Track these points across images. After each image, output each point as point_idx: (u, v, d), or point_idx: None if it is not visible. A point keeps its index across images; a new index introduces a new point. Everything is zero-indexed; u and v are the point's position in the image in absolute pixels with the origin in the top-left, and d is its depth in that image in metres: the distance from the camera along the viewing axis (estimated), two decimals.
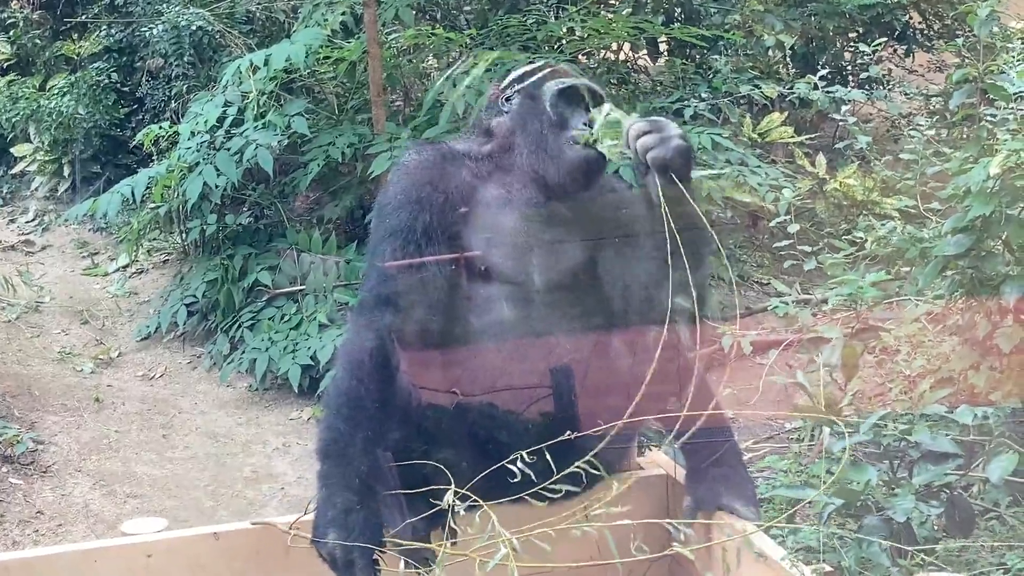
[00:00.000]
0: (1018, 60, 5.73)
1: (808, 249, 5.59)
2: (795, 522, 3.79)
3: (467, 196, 2.63)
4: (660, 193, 2.36)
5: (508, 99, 2.72)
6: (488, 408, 2.54)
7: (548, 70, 2.73)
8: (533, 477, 2.26)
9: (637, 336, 2.55)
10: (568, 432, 2.41)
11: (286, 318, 6.88)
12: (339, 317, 6.61)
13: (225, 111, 7.09)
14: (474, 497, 2.32)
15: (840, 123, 7.19)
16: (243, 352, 6.79)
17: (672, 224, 2.35)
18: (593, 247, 2.65)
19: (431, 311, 2.54)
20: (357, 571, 2.30)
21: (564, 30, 7.79)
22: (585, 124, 2.59)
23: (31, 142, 9.48)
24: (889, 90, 9.02)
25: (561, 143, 2.59)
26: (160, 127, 7.51)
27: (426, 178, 2.62)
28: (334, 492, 2.39)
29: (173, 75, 8.33)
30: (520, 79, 2.74)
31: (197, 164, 6.97)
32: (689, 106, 7.23)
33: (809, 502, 3.09)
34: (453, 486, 2.30)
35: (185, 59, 8.11)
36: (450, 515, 2.34)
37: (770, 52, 8.76)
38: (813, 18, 9.16)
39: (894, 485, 3.12)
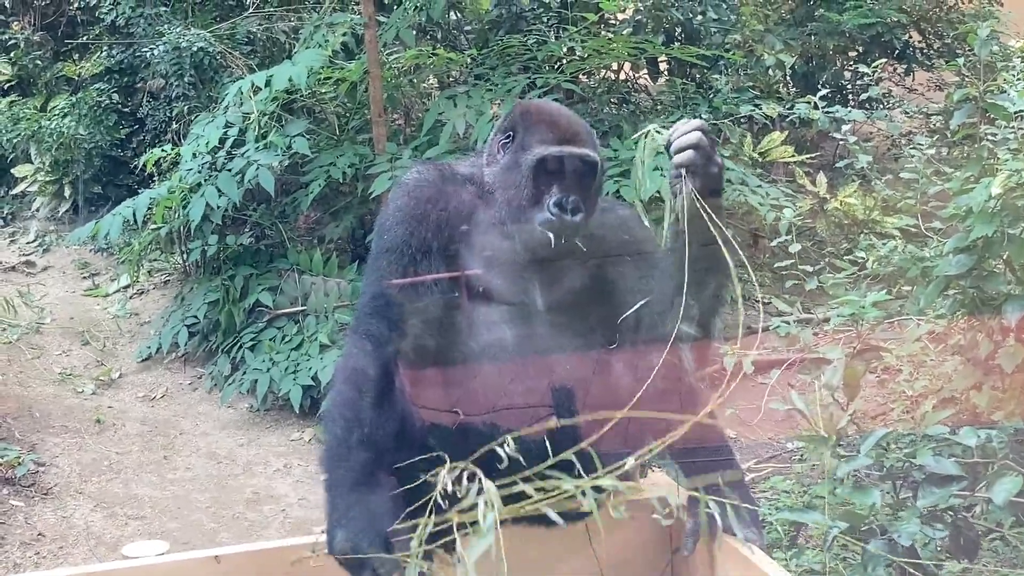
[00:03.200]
0: (1018, 79, 5.74)
1: (809, 269, 5.58)
2: (798, 545, 3.78)
3: (467, 216, 2.63)
4: (686, 200, 2.35)
5: (505, 145, 2.69)
6: (489, 428, 2.53)
7: (543, 123, 2.68)
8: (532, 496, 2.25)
9: (640, 357, 2.54)
10: (569, 452, 2.41)
11: (287, 339, 6.87)
12: (340, 338, 6.60)
13: (226, 132, 7.10)
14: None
15: (840, 142, 7.19)
16: (244, 373, 6.79)
17: (691, 241, 2.35)
18: (596, 268, 2.65)
19: (427, 329, 2.54)
20: (369, 570, 2.28)
21: (564, 50, 7.80)
22: (557, 205, 2.54)
23: (32, 163, 9.48)
24: (889, 109, 9.03)
25: (530, 218, 2.56)
26: (161, 149, 7.53)
27: (425, 196, 2.62)
28: (338, 496, 2.38)
29: (174, 96, 8.35)
30: (517, 122, 2.70)
31: (199, 185, 6.97)
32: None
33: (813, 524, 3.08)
34: (455, 510, 2.29)
35: (186, 80, 8.12)
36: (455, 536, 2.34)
37: (770, 72, 8.78)
38: (813, 37, 9.19)
39: (898, 508, 3.10)
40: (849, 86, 9.64)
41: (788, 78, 9.21)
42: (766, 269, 7.55)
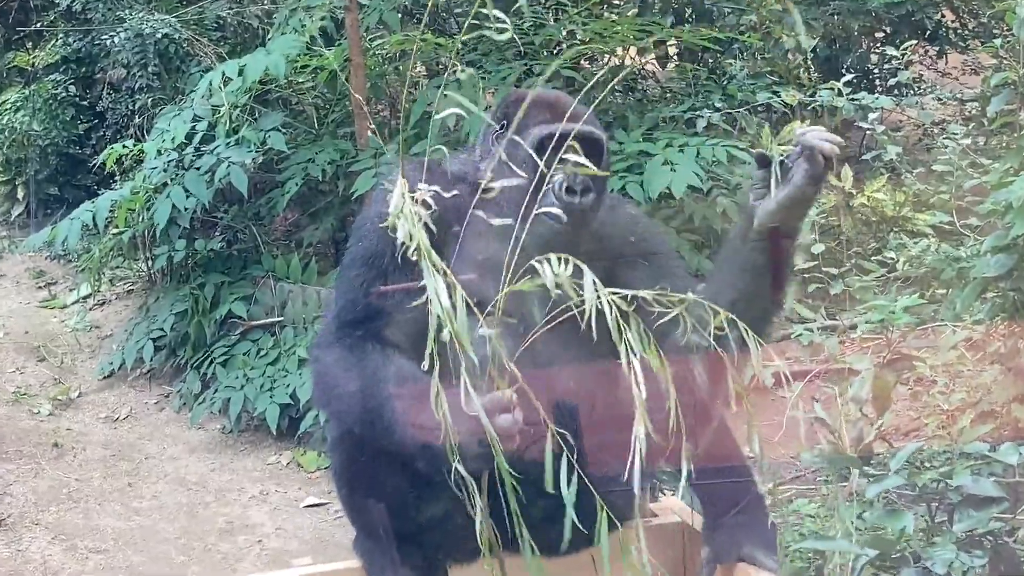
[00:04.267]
0: None
1: (834, 271, 5.59)
2: (825, 574, 3.78)
3: (458, 219, 2.62)
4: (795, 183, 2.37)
5: (499, 136, 2.69)
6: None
7: (539, 104, 2.68)
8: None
9: (649, 371, 2.54)
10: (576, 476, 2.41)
11: (262, 353, 6.87)
12: None
13: (194, 126, 7.10)
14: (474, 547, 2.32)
15: (867, 132, 7.21)
16: (215, 391, 6.78)
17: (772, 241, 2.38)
18: (601, 272, 2.64)
19: (409, 345, 2.53)
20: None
21: (564, 34, 7.80)
22: (561, 185, 2.54)
23: None
24: (920, 95, 9.04)
25: (538, 207, 2.54)
26: (123, 145, 7.51)
27: None
28: (415, 423, 2.40)
29: (137, 87, 8.36)
30: (510, 108, 2.70)
31: (164, 185, 6.97)
32: (702, 116, 7.23)
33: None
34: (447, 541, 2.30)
35: (150, 70, 8.13)
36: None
37: (790, 55, 8.78)
38: (836, 17, 9.19)
39: (933, 533, 3.10)
40: (876, 70, 9.65)
41: (809, 62, 9.21)
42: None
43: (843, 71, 8.54)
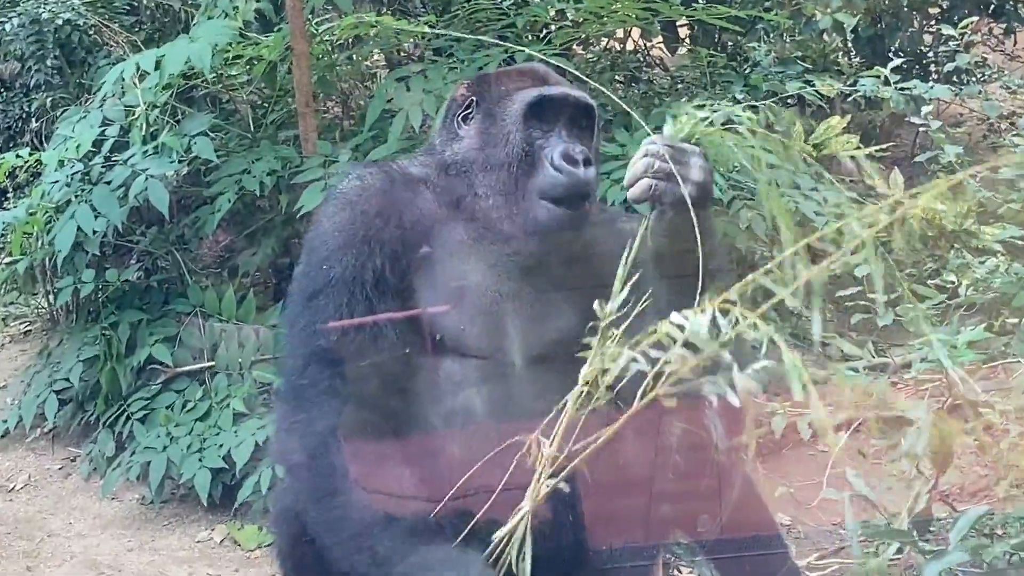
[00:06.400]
0: None
1: (883, 298, 5.61)
2: None
3: (427, 233, 2.62)
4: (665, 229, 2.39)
5: (467, 116, 2.71)
6: (464, 519, 2.54)
7: (515, 73, 2.72)
8: None
9: (657, 421, 2.55)
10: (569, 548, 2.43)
11: (190, 406, 6.85)
12: (260, 403, 6.57)
13: (103, 132, 7.09)
14: None
15: (921, 128, 7.24)
16: (133, 453, 6.76)
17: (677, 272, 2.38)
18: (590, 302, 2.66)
19: (386, 392, 2.54)
20: None
21: (552, 13, 7.83)
22: (564, 157, 2.56)
23: None
24: (985, 83, 9.08)
25: (528, 190, 2.56)
26: (17, 155, 7.50)
27: (373, 210, 2.62)
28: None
29: (33, 84, 8.36)
30: (479, 85, 2.73)
31: (68, 203, 6.95)
32: (720, 110, 7.25)
33: None
34: None
35: (49, 63, 8.14)
36: None
37: (825, 37, 8.83)
38: None
39: None
40: (930, 54, 9.69)
41: (849, 45, 9.27)
42: (827, 299, 7.60)
43: (890, 55, 8.59)
